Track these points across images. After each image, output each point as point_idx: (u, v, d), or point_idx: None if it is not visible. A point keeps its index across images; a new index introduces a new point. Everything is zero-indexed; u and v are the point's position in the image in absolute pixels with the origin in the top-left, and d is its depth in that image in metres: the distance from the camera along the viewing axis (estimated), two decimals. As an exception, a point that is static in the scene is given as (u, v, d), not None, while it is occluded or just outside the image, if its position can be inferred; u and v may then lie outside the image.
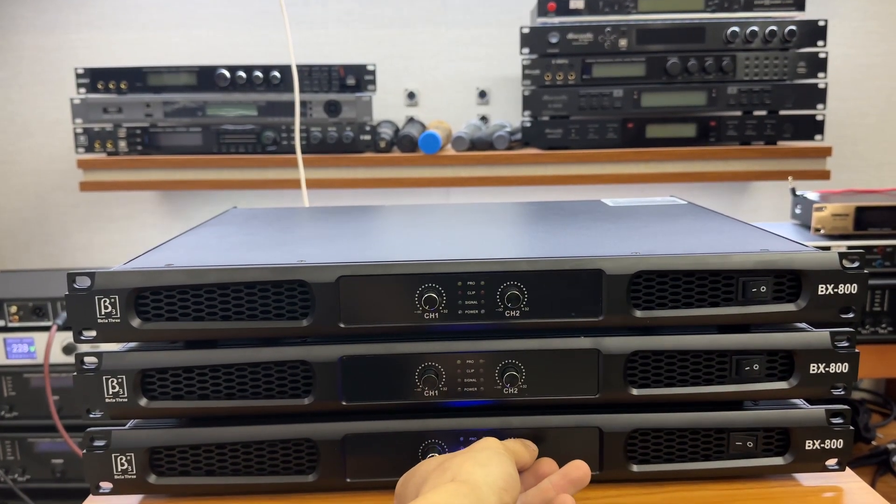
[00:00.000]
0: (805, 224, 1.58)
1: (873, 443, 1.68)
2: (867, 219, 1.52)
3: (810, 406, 0.69)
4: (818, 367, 0.67)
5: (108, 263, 2.17)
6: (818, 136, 1.79)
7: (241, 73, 1.76)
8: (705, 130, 1.79)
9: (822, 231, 1.52)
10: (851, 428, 0.68)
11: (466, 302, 0.65)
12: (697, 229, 0.80)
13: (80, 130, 1.79)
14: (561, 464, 0.67)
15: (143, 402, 0.66)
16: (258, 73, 1.76)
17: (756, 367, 0.67)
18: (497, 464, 0.56)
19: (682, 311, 0.66)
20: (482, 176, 1.80)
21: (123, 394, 0.66)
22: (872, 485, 1.53)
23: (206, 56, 2.03)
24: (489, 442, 0.60)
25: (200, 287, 0.65)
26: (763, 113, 1.79)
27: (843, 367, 0.67)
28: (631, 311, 0.65)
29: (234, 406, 0.67)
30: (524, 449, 0.64)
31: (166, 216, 2.13)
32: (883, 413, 1.88)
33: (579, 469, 0.61)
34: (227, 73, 1.76)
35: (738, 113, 1.79)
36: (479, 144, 1.82)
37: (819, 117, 1.78)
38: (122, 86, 1.78)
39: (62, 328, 1.53)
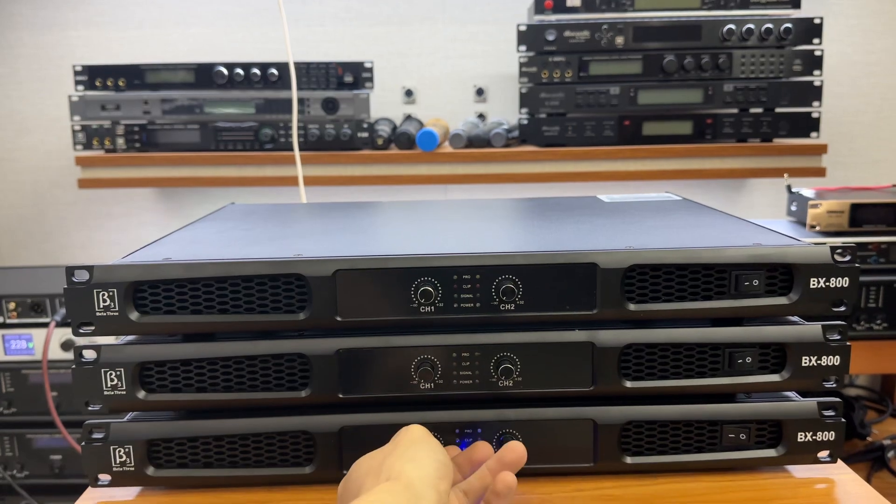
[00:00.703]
0: (801, 221, 1.59)
1: (868, 439, 1.69)
2: (862, 216, 1.53)
3: (802, 399, 0.70)
4: (810, 360, 0.68)
5: (106, 260, 2.16)
6: (814, 134, 1.80)
7: (239, 71, 1.77)
8: (702, 128, 1.79)
9: (817, 228, 1.53)
10: (843, 420, 0.69)
11: (462, 295, 0.66)
12: (691, 224, 0.81)
13: (78, 128, 1.79)
14: (555, 455, 0.68)
15: (142, 394, 0.67)
16: (256, 71, 1.77)
17: (748, 359, 0.68)
18: (426, 454, 0.56)
19: (675, 304, 0.67)
20: (479, 173, 1.81)
21: (122, 386, 0.66)
22: (868, 481, 1.53)
23: (203, 53, 2.03)
24: (415, 433, 0.59)
25: (198, 280, 0.65)
26: (759, 110, 1.80)
27: (834, 360, 0.68)
28: (625, 304, 0.66)
29: (231, 399, 0.67)
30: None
31: (164, 213, 2.14)
32: (878, 410, 1.89)
33: (514, 451, 0.60)
34: (225, 71, 1.77)
35: (735, 110, 1.80)
36: (477, 142, 1.82)
37: (815, 115, 1.79)
38: (121, 83, 1.78)
39: (60, 324, 1.53)
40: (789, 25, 1.73)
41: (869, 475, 1.60)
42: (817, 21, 1.75)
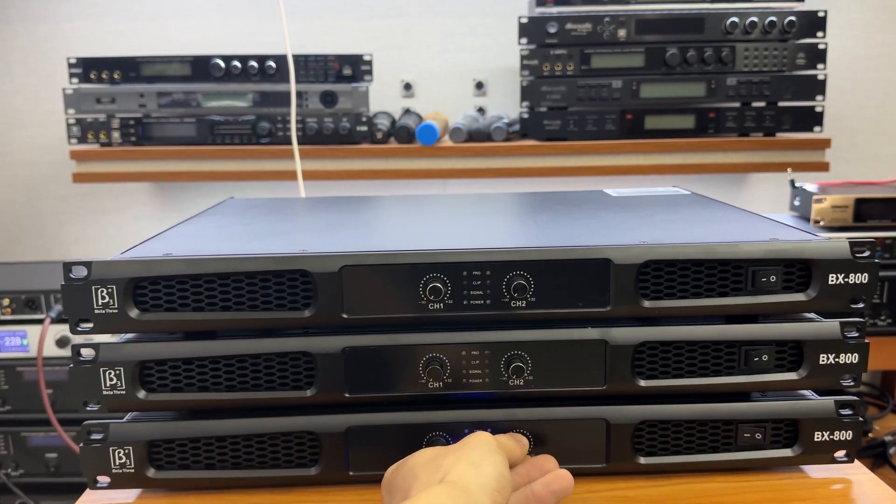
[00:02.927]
0: (804, 216, 1.58)
1: (870, 435, 1.68)
2: (866, 210, 1.52)
3: (819, 397, 0.69)
4: (828, 358, 0.66)
5: (102, 255, 2.14)
6: (817, 128, 1.79)
7: (236, 63, 1.74)
8: (704, 122, 1.78)
9: (821, 223, 1.52)
10: (861, 419, 0.68)
11: (472, 292, 0.64)
12: (704, 219, 0.79)
13: (72, 121, 1.77)
14: (567, 456, 0.66)
15: (142, 394, 0.65)
16: (253, 64, 1.74)
17: (765, 357, 0.66)
18: (490, 464, 0.55)
19: (690, 301, 0.65)
20: (480, 167, 1.79)
21: (121, 386, 0.64)
22: (870, 477, 1.53)
23: (200, 46, 2.01)
24: (482, 438, 0.59)
25: (200, 277, 0.63)
26: (762, 104, 1.78)
27: (852, 358, 0.66)
28: (639, 301, 0.64)
29: (234, 398, 0.65)
30: (516, 445, 0.62)
31: (160, 208, 2.11)
32: (879, 405, 1.88)
33: (563, 480, 0.60)
34: (222, 63, 1.74)
35: (737, 104, 1.79)
36: (477, 136, 1.80)
37: (818, 109, 1.78)
38: (116, 76, 1.76)
39: (55, 321, 1.51)
40: (793, 18, 1.71)
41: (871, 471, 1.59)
42: (821, 14, 1.73)
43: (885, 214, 1.53)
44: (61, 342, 1.54)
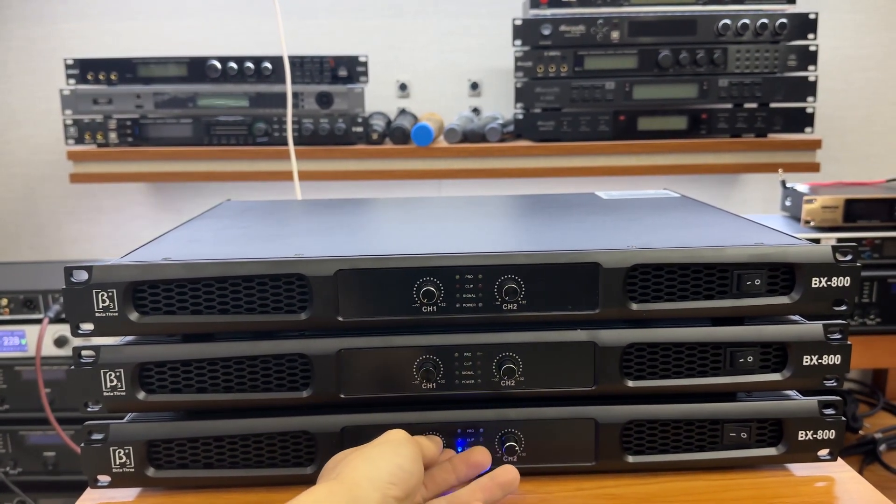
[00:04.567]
0: (795, 216, 1.60)
1: (860, 432, 1.70)
2: (856, 211, 1.54)
3: (803, 397, 0.70)
4: (811, 359, 0.68)
5: (99, 255, 2.16)
6: (808, 129, 1.80)
7: (233, 65, 1.75)
8: (696, 123, 1.80)
9: (811, 223, 1.53)
10: (843, 419, 0.69)
11: (464, 295, 0.66)
12: (692, 223, 0.81)
13: (69, 121, 1.78)
14: (556, 454, 0.68)
15: (142, 395, 0.66)
16: (249, 65, 1.76)
17: (750, 358, 0.68)
18: (388, 455, 0.56)
19: (677, 303, 0.67)
20: (474, 168, 1.81)
21: (121, 387, 0.66)
22: (860, 474, 1.54)
23: (196, 47, 2.02)
24: (391, 435, 0.60)
25: (198, 281, 0.65)
26: (754, 105, 1.80)
27: (835, 359, 0.68)
28: (627, 303, 0.66)
29: (232, 399, 0.67)
30: (430, 442, 0.64)
31: (157, 208, 2.12)
32: (870, 403, 1.90)
33: (508, 473, 0.62)
34: (218, 64, 1.75)
35: (729, 105, 1.80)
36: (472, 136, 1.82)
37: (809, 110, 1.79)
38: (112, 76, 1.77)
39: (54, 321, 1.52)
40: (784, 21, 1.73)
41: (861, 468, 1.61)
42: (812, 16, 1.75)
43: (875, 215, 1.55)
44: (59, 342, 1.56)
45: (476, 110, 2.06)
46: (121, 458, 0.67)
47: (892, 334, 1.58)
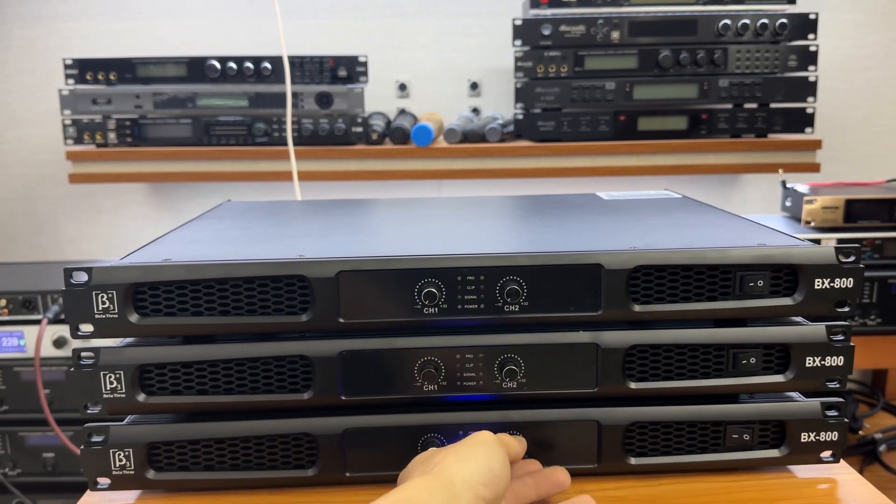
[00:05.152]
0: (795, 216, 1.59)
1: (860, 433, 1.70)
2: (857, 211, 1.54)
3: (806, 399, 0.70)
4: (814, 361, 0.68)
5: (98, 256, 2.16)
6: (808, 129, 1.80)
7: (232, 65, 1.75)
8: (696, 123, 1.80)
9: (812, 224, 1.53)
10: (846, 420, 0.69)
11: (466, 297, 0.65)
12: (694, 223, 0.81)
13: (68, 122, 1.78)
14: (559, 456, 0.68)
15: (142, 397, 0.66)
16: (249, 65, 1.75)
17: (752, 360, 0.67)
18: (481, 457, 0.56)
19: (679, 305, 0.67)
20: (474, 168, 1.80)
21: (121, 389, 0.65)
22: (860, 474, 1.54)
23: (196, 47, 2.01)
24: (480, 436, 0.60)
25: (199, 282, 0.64)
26: (754, 106, 1.80)
27: (838, 361, 0.68)
28: (629, 305, 0.66)
29: (233, 401, 0.66)
30: (515, 442, 0.64)
31: (156, 208, 2.12)
32: (870, 403, 1.90)
33: (562, 473, 0.64)
34: (218, 65, 1.75)
35: (729, 106, 1.80)
36: (472, 136, 1.81)
37: (809, 110, 1.79)
38: (112, 76, 1.76)
39: (53, 321, 1.52)
40: (784, 21, 1.73)
41: (861, 469, 1.61)
42: (812, 17, 1.75)
43: (875, 215, 1.55)
44: (58, 342, 1.55)
45: (476, 110, 2.06)
46: (121, 460, 0.66)
47: (893, 335, 1.58)
